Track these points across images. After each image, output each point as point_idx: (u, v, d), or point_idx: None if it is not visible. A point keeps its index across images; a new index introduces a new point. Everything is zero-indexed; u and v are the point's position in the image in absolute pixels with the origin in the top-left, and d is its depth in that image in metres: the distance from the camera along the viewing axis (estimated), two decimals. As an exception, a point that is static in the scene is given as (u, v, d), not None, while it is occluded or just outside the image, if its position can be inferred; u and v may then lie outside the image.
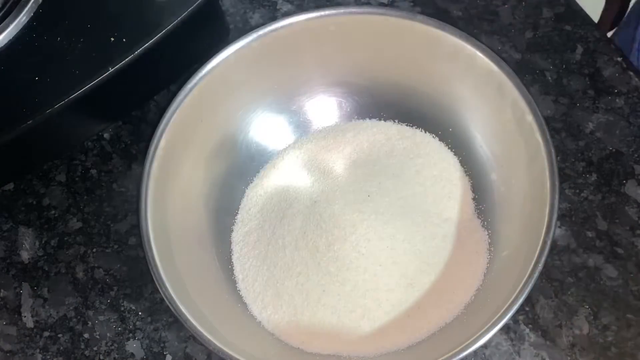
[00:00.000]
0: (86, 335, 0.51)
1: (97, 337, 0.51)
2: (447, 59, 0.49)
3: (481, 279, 0.48)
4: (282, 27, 0.48)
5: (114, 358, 0.50)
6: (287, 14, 0.58)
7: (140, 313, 0.51)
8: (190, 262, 0.48)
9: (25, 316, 0.52)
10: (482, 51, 0.47)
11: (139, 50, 0.49)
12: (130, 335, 0.51)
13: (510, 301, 0.42)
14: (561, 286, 0.49)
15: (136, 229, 0.54)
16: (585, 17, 0.58)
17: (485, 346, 0.48)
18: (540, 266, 0.42)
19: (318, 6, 0.60)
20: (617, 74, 0.55)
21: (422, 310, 0.47)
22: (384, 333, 0.47)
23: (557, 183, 0.43)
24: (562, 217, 0.51)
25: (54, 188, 0.56)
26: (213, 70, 0.48)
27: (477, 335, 0.41)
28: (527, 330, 0.48)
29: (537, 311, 0.49)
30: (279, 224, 0.50)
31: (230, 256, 0.51)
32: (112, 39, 0.49)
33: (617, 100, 0.54)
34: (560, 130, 0.54)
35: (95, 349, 0.51)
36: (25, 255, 0.54)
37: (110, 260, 0.53)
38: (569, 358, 0.48)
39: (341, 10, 0.49)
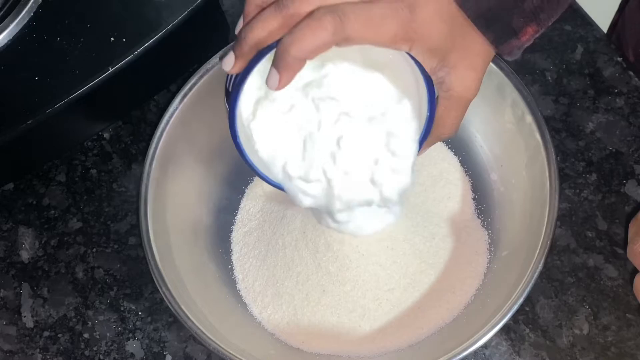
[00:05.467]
0: (86, 335, 0.51)
1: (97, 337, 0.51)
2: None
3: (481, 279, 0.48)
4: (282, 27, 0.48)
5: (114, 358, 0.50)
6: (287, 14, 0.58)
7: (140, 313, 0.51)
8: (190, 262, 0.48)
9: (25, 316, 0.52)
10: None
11: (138, 50, 0.49)
12: (130, 335, 0.51)
13: (510, 301, 0.42)
14: (561, 286, 0.49)
15: (136, 229, 0.54)
16: (585, 17, 0.58)
17: (485, 346, 0.48)
18: (540, 266, 0.42)
19: (318, 6, 0.60)
20: (617, 74, 0.55)
21: (422, 310, 0.47)
22: (384, 333, 0.47)
23: (557, 183, 0.43)
24: (562, 217, 0.51)
25: (53, 188, 0.56)
26: (213, 70, 0.48)
27: (477, 335, 0.41)
28: (527, 330, 0.48)
29: (537, 311, 0.49)
30: (279, 223, 0.50)
31: (230, 256, 0.51)
32: (112, 38, 0.49)
33: (617, 100, 0.54)
34: (560, 130, 0.54)
35: (95, 349, 0.51)
36: (25, 255, 0.54)
37: (110, 260, 0.53)
38: (569, 358, 0.48)
39: (341, 10, 0.49)
